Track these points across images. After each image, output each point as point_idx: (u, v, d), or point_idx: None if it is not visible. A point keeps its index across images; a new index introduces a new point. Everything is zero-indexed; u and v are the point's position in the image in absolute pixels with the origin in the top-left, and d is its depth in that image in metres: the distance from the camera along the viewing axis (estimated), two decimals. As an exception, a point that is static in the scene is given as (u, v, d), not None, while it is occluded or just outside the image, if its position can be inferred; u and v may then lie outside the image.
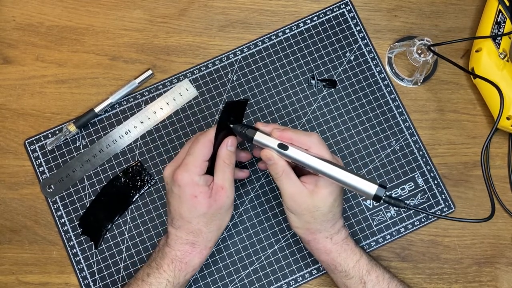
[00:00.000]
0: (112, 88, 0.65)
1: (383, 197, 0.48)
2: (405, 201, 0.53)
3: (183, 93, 0.64)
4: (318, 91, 0.65)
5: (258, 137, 0.52)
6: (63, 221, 0.62)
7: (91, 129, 0.64)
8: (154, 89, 0.65)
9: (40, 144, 0.63)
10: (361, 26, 0.66)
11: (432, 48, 0.61)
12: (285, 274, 0.61)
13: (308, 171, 0.52)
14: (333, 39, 0.66)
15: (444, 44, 0.63)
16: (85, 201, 0.62)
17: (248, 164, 0.63)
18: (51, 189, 0.62)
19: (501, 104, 0.58)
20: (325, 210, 0.51)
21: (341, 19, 0.66)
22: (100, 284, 0.61)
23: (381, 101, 0.65)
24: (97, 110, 0.63)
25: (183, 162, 0.52)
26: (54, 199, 0.62)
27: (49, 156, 0.63)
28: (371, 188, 0.48)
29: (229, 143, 0.53)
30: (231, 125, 0.53)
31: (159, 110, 0.64)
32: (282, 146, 0.51)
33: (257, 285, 0.61)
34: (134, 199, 0.62)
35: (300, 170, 0.52)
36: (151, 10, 0.67)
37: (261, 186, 0.63)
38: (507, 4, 0.63)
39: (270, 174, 0.52)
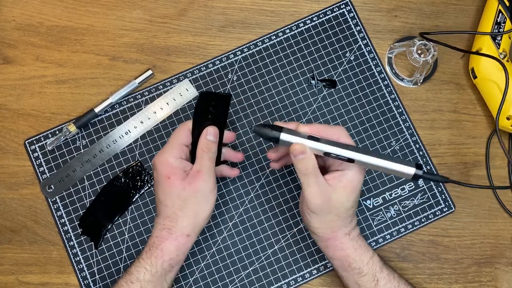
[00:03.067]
0: (112, 88, 0.65)
1: (423, 175, 0.49)
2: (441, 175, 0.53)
3: (183, 93, 0.64)
4: (318, 91, 0.65)
5: (285, 136, 0.50)
6: (63, 221, 0.62)
7: (91, 129, 0.64)
8: (154, 89, 0.65)
9: (40, 144, 0.63)
10: (361, 26, 0.66)
11: (425, 36, 0.62)
12: (285, 274, 0.61)
13: (328, 169, 0.52)
14: (333, 39, 0.66)
15: (435, 34, 0.63)
16: (85, 201, 0.62)
17: (248, 164, 0.63)
18: (51, 189, 0.62)
19: (501, 104, 0.58)
20: (348, 205, 0.51)
21: (341, 19, 0.66)
22: (100, 284, 0.61)
23: (381, 101, 0.65)
24: (97, 110, 0.63)
25: (166, 144, 0.54)
26: (54, 199, 0.62)
27: (49, 156, 0.63)
28: (409, 170, 0.49)
29: (208, 132, 0.53)
30: (252, 127, 0.51)
31: (159, 110, 0.64)
32: (313, 139, 0.50)
33: (257, 285, 0.61)
34: (134, 199, 0.62)
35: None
36: (151, 10, 0.67)
37: (261, 186, 0.63)
38: (507, 4, 0.63)
39: (297, 171, 0.49)
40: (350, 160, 0.49)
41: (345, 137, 0.51)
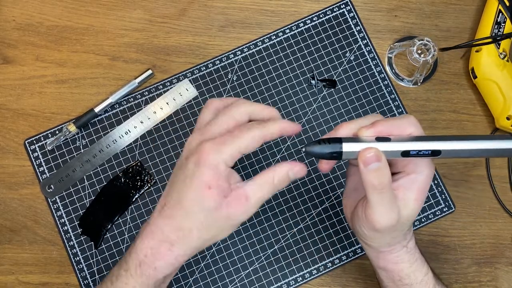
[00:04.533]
0: (112, 88, 0.65)
1: None
2: None
3: (183, 93, 0.64)
4: (318, 91, 0.65)
5: (349, 146, 0.39)
6: (63, 221, 0.62)
7: (91, 129, 0.64)
8: (154, 89, 0.65)
9: (40, 144, 0.63)
10: (361, 26, 0.66)
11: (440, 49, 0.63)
12: (285, 274, 0.61)
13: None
14: (333, 39, 0.66)
15: (454, 49, 0.63)
16: (85, 201, 0.62)
17: (248, 164, 0.63)
18: (51, 189, 0.62)
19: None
20: (414, 218, 0.43)
21: (341, 19, 0.66)
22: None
23: (381, 101, 0.65)
24: (97, 110, 0.63)
25: (220, 139, 0.40)
26: (54, 199, 0.62)
27: (49, 156, 0.63)
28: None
29: (296, 170, 0.41)
30: (303, 149, 0.40)
31: (159, 110, 0.64)
32: (382, 140, 0.39)
33: (257, 285, 0.61)
34: (134, 199, 0.62)
35: None
36: (151, 10, 0.67)
37: (261, 186, 0.63)
38: (507, 4, 0.63)
39: (367, 186, 0.39)
40: (435, 153, 0.39)
41: (418, 128, 0.41)
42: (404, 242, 0.45)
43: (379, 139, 0.39)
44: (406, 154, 0.39)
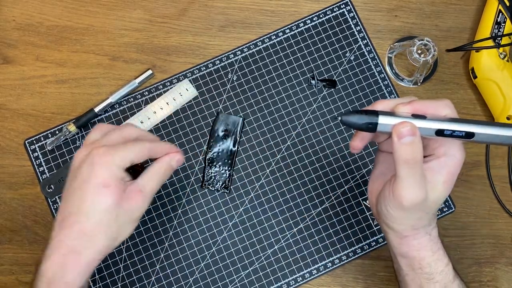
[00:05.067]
0: (112, 88, 0.65)
1: None
2: None
3: (183, 93, 0.64)
4: (318, 91, 0.65)
5: (385, 119, 0.40)
6: (63, 221, 0.62)
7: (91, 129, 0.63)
8: (154, 89, 0.65)
9: (40, 144, 0.63)
10: (361, 26, 0.66)
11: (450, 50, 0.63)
12: (285, 274, 0.61)
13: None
14: (333, 39, 0.66)
15: (460, 50, 0.64)
16: (85, 201, 0.62)
17: (248, 164, 0.63)
18: (51, 189, 0.62)
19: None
20: (441, 202, 0.43)
21: (341, 19, 0.66)
22: (100, 284, 0.61)
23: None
24: (97, 110, 0.63)
25: (112, 146, 0.44)
26: (54, 199, 0.62)
27: (49, 156, 0.63)
28: None
29: (177, 159, 0.47)
30: (340, 117, 0.41)
31: (159, 110, 0.64)
32: (419, 117, 0.40)
33: (257, 285, 0.61)
34: (134, 199, 0.62)
35: None
36: (151, 10, 0.67)
37: (261, 186, 0.63)
38: (507, 4, 0.63)
39: (398, 160, 0.39)
40: (469, 135, 0.40)
41: (453, 111, 0.42)
42: (428, 228, 0.45)
43: (415, 116, 0.40)
44: (440, 133, 0.40)
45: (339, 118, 0.41)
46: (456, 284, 0.47)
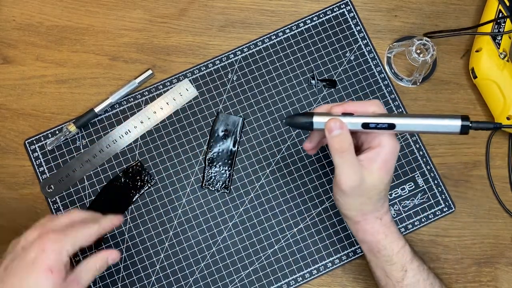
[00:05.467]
0: (112, 88, 0.65)
1: (471, 125, 0.46)
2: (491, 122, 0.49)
3: (183, 93, 0.64)
4: (318, 91, 0.65)
5: (318, 119, 0.48)
6: (63, 221, 0.62)
7: (91, 129, 0.64)
8: (154, 89, 0.65)
9: (40, 144, 0.63)
10: (361, 26, 0.66)
11: (428, 36, 0.63)
12: (285, 274, 0.61)
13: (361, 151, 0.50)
14: (333, 39, 0.66)
15: (441, 37, 0.64)
16: (85, 201, 0.62)
17: (248, 164, 0.63)
18: (51, 189, 0.62)
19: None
20: (381, 188, 0.49)
21: (341, 19, 0.66)
22: (100, 284, 0.61)
23: (381, 101, 0.65)
24: (97, 110, 0.63)
25: (62, 231, 0.47)
26: (54, 199, 0.62)
27: (49, 156, 0.63)
28: (455, 122, 0.46)
29: (112, 257, 0.50)
30: (284, 120, 0.50)
31: (159, 110, 0.64)
32: (347, 115, 0.48)
33: (257, 285, 0.61)
34: (134, 199, 0.62)
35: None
36: (151, 10, 0.67)
37: (261, 186, 0.63)
38: (507, 4, 0.63)
39: (332, 151, 0.47)
40: (391, 127, 0.47)
41: (381, 108, 0.49)
42: (377, 213, 0.50)
43: (345, 114, 0.48)
44: (366, 126, 0.48)
45: (283, 121, 0.51)
46: (415, 265, 0.51)
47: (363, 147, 0.50)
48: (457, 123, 0.46)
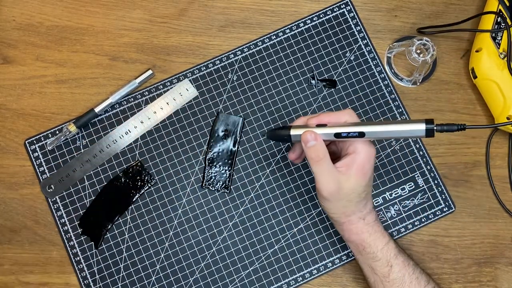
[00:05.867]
0: (112, 88, 0.65)
1: (435, 129, 0.48)
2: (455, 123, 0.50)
3: (183, 93, 0.64)
4: (318, 91, 0.65)
5: (295, 131, 0.52)
6: (63, 221, 0.62)
7: (91, 129, 0.64)
8: (154, 89, 0.65)
9: (40, 144, 0.63)
10: (361, 26, 0.66)
11: (421, 30, 0.63)
12: (285, 274, 0.61)
13: (338, 156, 0.53)
14: (333, 39, 0.66)
15: (434, 33, 0.63)
16: (85, 201, 0.62)
17: (248, 164, 0.63)
18: (51, 189, 0.62)
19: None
20: (360, 190, 0.51)
21: (341, 19, 0.66)
22: (100, 284, 0.61)
23: (381, 101, 0.65)
24: (97, 110, 0.63)
25: None
26: (54, 199, 0.62)
27: (49, 156, 0.63)
28: (420, 126, 0.48)
29: None
30: (265, 134, 0.54)
31: (159, 110, 0.64)
32: (321, 126, 0.51)
33: (257, 285, 0.61)
34: (134, 199, 0.62)
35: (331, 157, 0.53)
36: (151, 10, 0.67)
37: (261, 186, 0.63)
38: (507, 4, 0.63)
39: (309, 161, 0.51)
40: (361, 135, 0.50)
41: (353, 118, 0.52)
42: (359, 214, 0.53)
43: (319, 125, 0.51)
44: (338, 135, 0.50)
45: (264, 135, 0.55)
46: (400, 260, 0.53)
47: (342, 154, 0.53)
48: (421, 127, 0.48)
